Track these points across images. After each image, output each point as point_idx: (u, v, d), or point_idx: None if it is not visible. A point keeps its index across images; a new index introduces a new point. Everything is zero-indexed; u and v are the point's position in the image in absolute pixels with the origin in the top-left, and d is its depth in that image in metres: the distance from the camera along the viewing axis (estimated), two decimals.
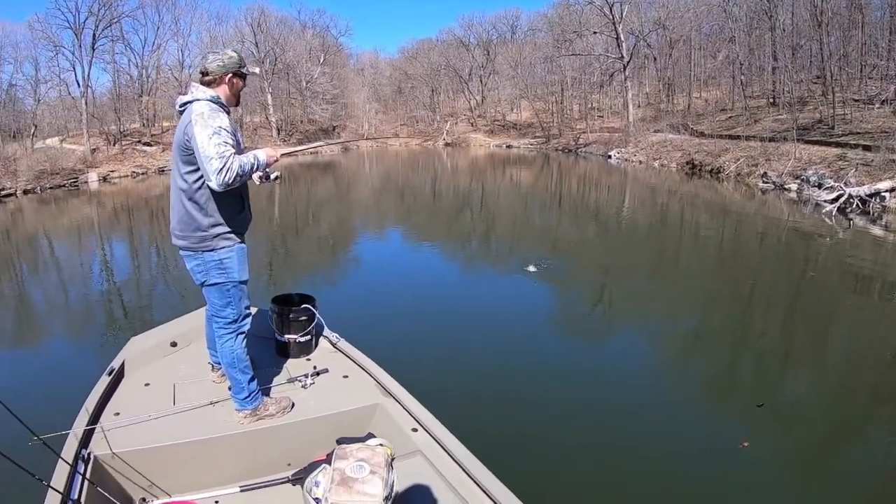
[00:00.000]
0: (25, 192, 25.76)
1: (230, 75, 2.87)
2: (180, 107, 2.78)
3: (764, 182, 17.03)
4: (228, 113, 2.85)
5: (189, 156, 2.66)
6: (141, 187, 28.22)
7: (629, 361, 5.63)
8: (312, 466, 2.65)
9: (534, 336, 6.12)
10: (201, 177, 2.68)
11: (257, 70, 3.18)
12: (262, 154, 2.85)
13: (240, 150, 2.86)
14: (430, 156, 41.26)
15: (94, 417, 2.88)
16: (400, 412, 2.99)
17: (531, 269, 5.68)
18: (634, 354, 5.85)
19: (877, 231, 11.59)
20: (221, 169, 2.55)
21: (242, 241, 2.94)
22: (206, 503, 2.41)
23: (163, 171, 33.98)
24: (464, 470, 2.52)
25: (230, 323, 2.94)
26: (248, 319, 3.03)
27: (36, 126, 33.87)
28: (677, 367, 5.59)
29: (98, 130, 35.24)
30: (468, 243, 12.26)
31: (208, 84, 2.84)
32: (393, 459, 2.38)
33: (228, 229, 2.83)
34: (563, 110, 41.83)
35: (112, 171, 31.53)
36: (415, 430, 2.84)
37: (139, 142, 37.08)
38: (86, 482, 2.36)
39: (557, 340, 6.19)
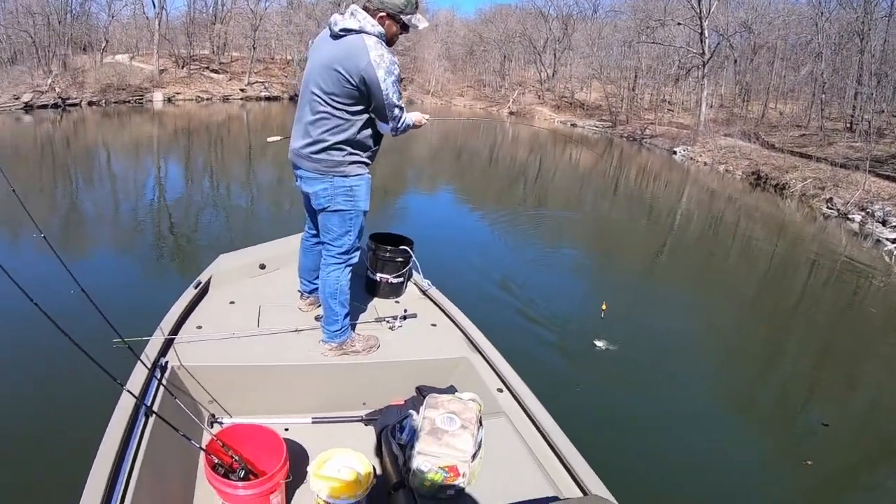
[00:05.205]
0: (90, 103, 26.75)
1: (383, 15, 2.62)
2: (340, 30, 2.58)
3: (828, 207, 17.18)
4: None
5: (351, 88, 2.58)
6: (204, 112, 29.13)
7: (695, 372, 5.74)
8: (389, 410, 2.65)
9: (605, 325, 6.13)
10: (360, 110, 2.67)
11: (420, 25, 2.70)
12: (413, 117, 2.91)
13: None
14: (492, 122, 41.03)
15: (176, 328, 2.90)
16: (486, 370, 2.91)
17: (599, 343, 5.54)
18: (700, 368, 5.89)
19: None
20: (400, 119, 2.73)
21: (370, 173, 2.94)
22: (276, 428, 2.37)
23: (227, 98, 34.98)
24: (547, 441, 2.42)
25: (342, 253, 2.90)
26: (358, 253, 2.99)
27: (107, 41, 34.73)
28: (740, 384, 5.75)
29: (168, 52, 35.98)
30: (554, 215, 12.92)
31: (372, 14, 2.62)
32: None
33: (364, 159, 2.82)
34: (634, 97, 41.42)
35: (178, 94, 32.39)
36: (500, 390, 2.76)
37: (207, 68, 37.92)
38: (161, 389, 2.39)
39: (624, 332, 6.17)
